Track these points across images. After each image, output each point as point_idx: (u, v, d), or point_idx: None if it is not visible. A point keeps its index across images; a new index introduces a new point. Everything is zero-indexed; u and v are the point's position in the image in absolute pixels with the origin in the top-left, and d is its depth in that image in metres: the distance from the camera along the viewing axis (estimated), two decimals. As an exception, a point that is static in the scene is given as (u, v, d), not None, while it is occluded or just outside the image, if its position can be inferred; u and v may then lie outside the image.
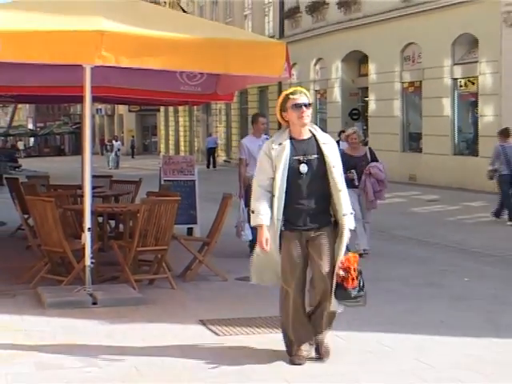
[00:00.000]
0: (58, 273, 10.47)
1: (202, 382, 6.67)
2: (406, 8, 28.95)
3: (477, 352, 7.50)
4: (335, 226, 7.16)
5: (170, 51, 9.52)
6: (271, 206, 6.98)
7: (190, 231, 14.46)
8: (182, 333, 8.30)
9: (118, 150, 51.82)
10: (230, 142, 49.51)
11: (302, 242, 7.11)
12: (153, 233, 10.47)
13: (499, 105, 25.05)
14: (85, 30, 9.10)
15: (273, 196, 7.00)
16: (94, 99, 10.59)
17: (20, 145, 67.27)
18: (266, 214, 6.93)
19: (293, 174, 6.99)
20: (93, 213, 10.18)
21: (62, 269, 10.48)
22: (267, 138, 11.26)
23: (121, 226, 13.14)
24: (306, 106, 7.15)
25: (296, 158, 7.04)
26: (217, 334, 8.24)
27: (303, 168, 6.96)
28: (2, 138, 66.98)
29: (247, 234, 12.28)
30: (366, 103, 34.46)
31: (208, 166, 46.49)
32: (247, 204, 10.90)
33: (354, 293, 6.92)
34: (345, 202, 7.02)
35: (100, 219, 11.99)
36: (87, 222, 9.86)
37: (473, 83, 26.92)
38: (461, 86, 27.67)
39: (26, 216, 12.46)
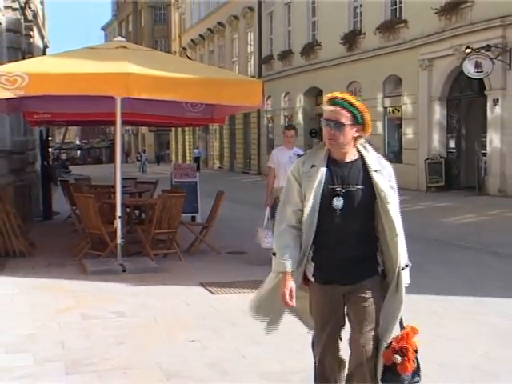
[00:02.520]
0: (97, 249, 10.44)
1: (204, 327, 6.70)
2: (350, 56, 29.02)
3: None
4: (383, 277, 4.07)
5: (179, 87, 9.54)
6: (299, 246, 4.03)
7: (193, 218, 14.43)
8: (187, 292, 8.31)
9: (146, 159, 51.88)
10: (222, 153, 49.44)
11: (338, 298, 4.05)
12: (166, 219, 10.48)
13: (417, 126, 25.18)
14: (117, 72, 9.13)
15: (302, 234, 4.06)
16: (123, 122, 10.56)
17: (63, 156, 67.07)
18: (291, 259, 3.97)
19: (326, 208, 3.95)
20: (122, 205, 10.16)
21: (100, 246, 10.45)
22: (298, 155, 7.89)
23: (143, 214, 13.14)
24: (330, 125, 3.96)
25: (332, 187, 3.97)
26: (212, 292, 8.24)
27: (337, 202, 3.93)
28: (57, 151, 67.25)
29: (270, 242, 11.55)
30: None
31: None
32: (273, 215, 8.14)
33: (408, 379, 3.96)
34: (402, 251, 3.95)
35: (127, 210, 11.97)
36: (118, 212, 9.85)
37: (398, 110, 26.96)
38: (389, 113, 27.71)
39: (73, 208, 12.50)
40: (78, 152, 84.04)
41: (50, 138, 24.54)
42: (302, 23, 34.52)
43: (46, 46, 27.24)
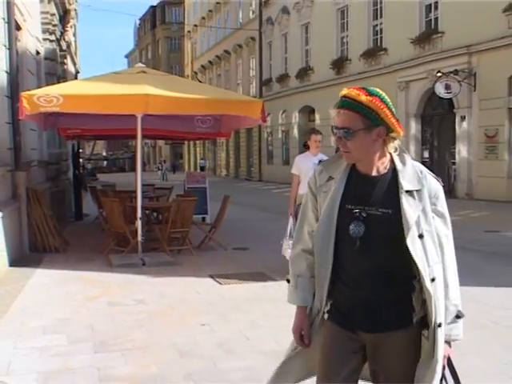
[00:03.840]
0: (121, 246, 10.44)
1: (212, 313, 6.69)
2: (339, 78, 28.99)
3: None
4: (420, 328, 2.56)
5: (190, 105, 9.56)
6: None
7: (203, 219, 14.44)
8: (198, 282, 8.29)
9: (166, 168, 51.83)
10: (228, 162, 49.43)
11: (352, 348, 2.63)
12: (180, 220, 10.48)
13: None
14: (137, 94, 9.12)
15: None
16: (143, 136, 10.58)
17: (87, 165, 67.13)
18: (303, 291, 2.74)
19: (343, 234, 2.58)
20: (142, 208, 10.18)
21: (124, 243, 10.45)
22: (320, 160, 4.41)
23: (160, 216, 13.14)
24: (338, 133, 2.54)
25: (350, 208, 2.58)
26: (220, 283, 8.23)
27: (356, 228, 2.53)
28: (86, 161, 67.35)
29: None
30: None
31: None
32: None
33: None
34: (440, 302, 2.51)
35: (147, 212, 11.97)
36: (139, 213, 9.88)
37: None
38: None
39: (100, 210, 12.52)
40: (105, 162, 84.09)
41: (80, 150, 24.56)
42: (297, 51, 34.60)
43: (77, 72, 27.29)
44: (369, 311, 2.54)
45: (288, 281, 2.78)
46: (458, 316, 2.63)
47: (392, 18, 25.23)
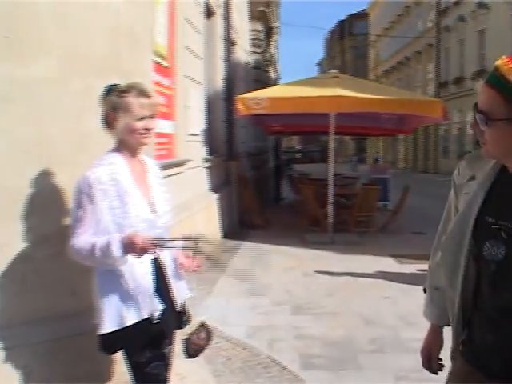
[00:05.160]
0: (314, 225, 10.55)
1: (393, 288, 6.53)
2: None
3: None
4: None
5: (378, 104, 9.38)
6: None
7: (385, 206, 14.13)
8: (380, 260, 8.12)
9: (357, 160, 50.46)
10: (407, 156, 47.97)
11: None
12: (365, 205, 10.39)
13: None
14: (331, 95, 9.14)
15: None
16: (334, 132, 10.59)
17: (284, 157, 68.14)
18: (440, 308, 1.95)
19: (476, 253, 1.62)
20: (333, 194, 10.19)
21: (316, 223, 10.55)
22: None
23: (348, 201, 13.05)
24: (477, 117, 1.54)
25: (490, 220, 1.57)
26: (400, 262, 8.02)
27: (490, 250, 1.55)
28: (283, 153, 68.84)
29: None
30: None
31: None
32: None
33: None
34: None
35: (336, 197, 11.94)
36: (330, 199, 9.92)
37: None
38: None
39: (297, 195, 12.73)
40: (298, 154, 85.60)
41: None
42: (473, 55, 32.54)
43: (277, 78, 28.02)
44: (504, 355, 1.60)
45: (425, 290, 2.09)
46: None
47: None
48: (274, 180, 17.67)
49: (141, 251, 2.21)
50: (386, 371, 4.15)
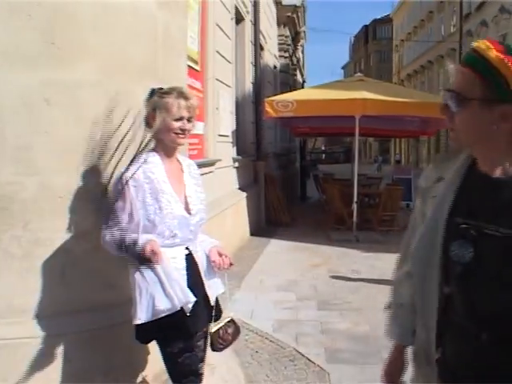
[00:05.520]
0: (339, 224, 10.50)
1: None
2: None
3: None
4: None
5: (403, 107, 9.29)
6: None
7: (407, 205, 13.98)
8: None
9: (381, 161, 49.72)
10: (429, 157, 47.40)
11: None
12: (389, 205, 10.31)
13: None
14: (356, 98, 9.10)
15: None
16: (359, 134, 10.51)
17: (309, 157, 67.84)
18: (402, 326, 1.67)
19: (447, 258, 1.37)
20: (357, 194, 10.13)
21: (341, 222, 10.50)
22: None
23: (371, 201, 12.98)
24: (444, 97, 1.39)
25: (460, 221, 1.36)
26: (423, 260, 7.93)
27: (456, 251, 1.33)
28: (309, 154, 68.59)
29: None
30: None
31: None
32: None
33: None
34: None
35: (361, 197, 11.88)
36: (354, 198, 9.86)
37: None
38: None
39: (322, 194, 12.68)
40: (323, 155, 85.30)
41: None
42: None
43: (304, 81, 27.92)
44: (483, 367, 1.36)
45: (388, 307, 1.78)
46: None
47: None
48: (299, 179, 17.63)
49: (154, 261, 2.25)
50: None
